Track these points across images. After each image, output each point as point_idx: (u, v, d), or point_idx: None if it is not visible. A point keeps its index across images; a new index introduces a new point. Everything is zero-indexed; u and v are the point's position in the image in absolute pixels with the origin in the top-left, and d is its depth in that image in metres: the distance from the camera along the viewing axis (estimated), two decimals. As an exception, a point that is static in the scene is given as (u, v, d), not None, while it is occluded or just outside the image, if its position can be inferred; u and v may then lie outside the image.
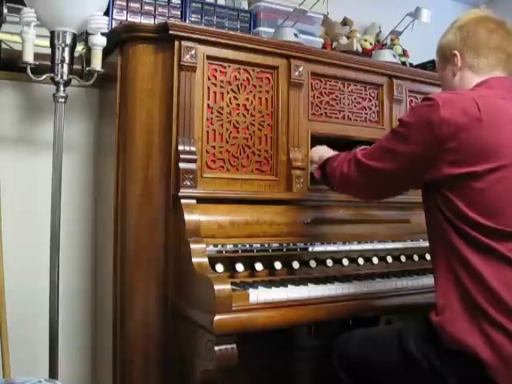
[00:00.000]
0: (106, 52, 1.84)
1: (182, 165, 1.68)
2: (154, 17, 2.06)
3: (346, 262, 1.88)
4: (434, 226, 1.38)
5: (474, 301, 1.26)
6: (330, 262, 1.84)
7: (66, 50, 1.76)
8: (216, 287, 1.40)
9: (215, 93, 1.79)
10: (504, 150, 1.29)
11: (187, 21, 2.09)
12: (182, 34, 1.69)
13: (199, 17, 2.14)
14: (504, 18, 1.48)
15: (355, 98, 2.10)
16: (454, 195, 1.30)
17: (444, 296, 1.32)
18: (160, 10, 2.08)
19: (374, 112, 2.15)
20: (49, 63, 1.78)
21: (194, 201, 1.67)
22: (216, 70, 1.80)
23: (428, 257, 2.05)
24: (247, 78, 1.85)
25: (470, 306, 1.26)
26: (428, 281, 1.82)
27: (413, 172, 1.39)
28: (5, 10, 1.89)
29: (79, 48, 1.89)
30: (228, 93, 1.82)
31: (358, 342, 1.52)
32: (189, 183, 1.68)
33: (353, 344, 1.53)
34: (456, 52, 1.46)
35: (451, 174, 1.29)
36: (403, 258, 2.02)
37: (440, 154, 1.29)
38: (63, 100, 1.79)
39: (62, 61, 1.76)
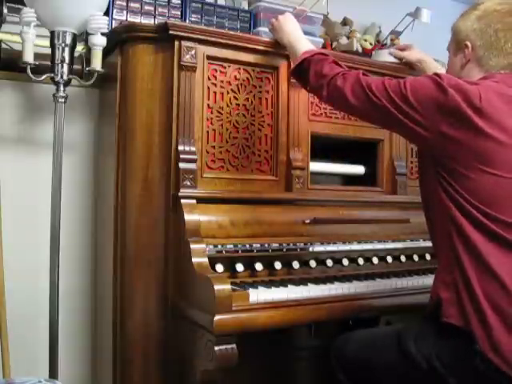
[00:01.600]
0: (106, 52, 1.84)
1: (181, 165, 1.68)
2: (154, 17, 2.06)
3: (345, 262, 1.88)
4: (435, 204, 1.38)
5: (471, 283, 1.27)
6: (330, 262, 1.84)
7: (66, 50, 1.76)
8: (216, 287, 1.40)
9: (215, 93, 1.79)
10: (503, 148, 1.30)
11: (187, 21, 2.09)
12: (182, 34, 1.69)
13: (199, 17, 2.14)
14: None
15: (355, 98, 2.10)
16: (453, 181, 1.31)
17: (443, 277, 1.33)
18: (160, 9, 2.07)
19: (374, 112, 2.15)
20: (49, 63, 1.77)
21: (194, 201, 1.67)
22: (216, 70, 1.80)
23: (428, 257, 2.05)
24: (247, 78, 1.85)
25: (467, 288, 1.27)
26: (428, 280, 1.82)
27: (406, 125, 1.36)
28: (5, 10, 1.89)
29: (79, 48, 1.89)
30: (228, 93, 1.82)
31: (357, 343, 1.52)
32: (189, 183, 1.68)
33: (351, 345, 1.53)
34: (468, 43, 1.43)
35: (444, 148, 1.31)
36: (403, 258, 2.01)
37: (438, 122, 1.30)
38: (63, 100, 1.79)
39: (62, 61, 1.76)
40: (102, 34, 1.77)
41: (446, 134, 1.30)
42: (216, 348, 1.39)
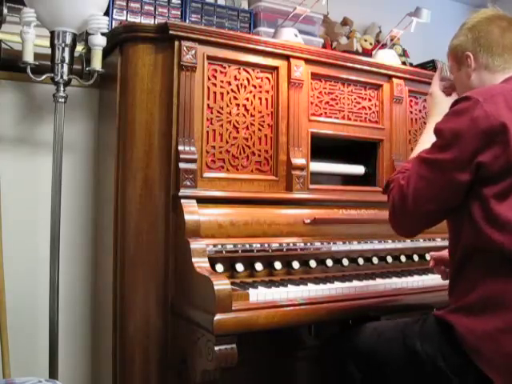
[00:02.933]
0: (106, 52, 1.84)
1: (182, 165, 1.68)
2: (154, 17, 2.06)
3: (345, 262, 1.88)
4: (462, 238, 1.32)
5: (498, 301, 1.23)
6: (329, 262, 1.84)
7: (66, 50, 1.76)
8: (216, 287, 1.40)
9: (215, 93, 1.79)
10: None
11: (187, 21, 2.09)
12: (182, 34, 1.69)
13: (199, 17, 2.14)
14: None
15: (355, 98, 2.10)
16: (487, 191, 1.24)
17: (461, 295, 1.31)
18: (160, 9, 2.08)
19: (373, 112, 2.15)
20: (49, 63, 1.78)
21: (194, 201, 1.67)
22: (216, 70, 1.80)
23: (428, 256, 2.05)
24: (247, 78, 1.86)
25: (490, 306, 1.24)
26: (428, 281, 1.83)
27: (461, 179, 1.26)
28: (5, 10, 1.89)
29: (79, 48, 1.89)
30: (228, 93, 1.82)
31: (369, 336, 1.51)
32: (189, 183, 1.68)
33: (361, 337, 1.52)
34: (469, 53, 1.44)
35: (493, 169, 1.23)
36: (403, 258, 2.02)
37: (488, 147, 1.22)
38: (63, 100, 1.79)
39: (62, 61, 1.76)
40: (102, 34, 1.77)
41: (499, 152, 1.22)
42: (216, 348, 1.39)
